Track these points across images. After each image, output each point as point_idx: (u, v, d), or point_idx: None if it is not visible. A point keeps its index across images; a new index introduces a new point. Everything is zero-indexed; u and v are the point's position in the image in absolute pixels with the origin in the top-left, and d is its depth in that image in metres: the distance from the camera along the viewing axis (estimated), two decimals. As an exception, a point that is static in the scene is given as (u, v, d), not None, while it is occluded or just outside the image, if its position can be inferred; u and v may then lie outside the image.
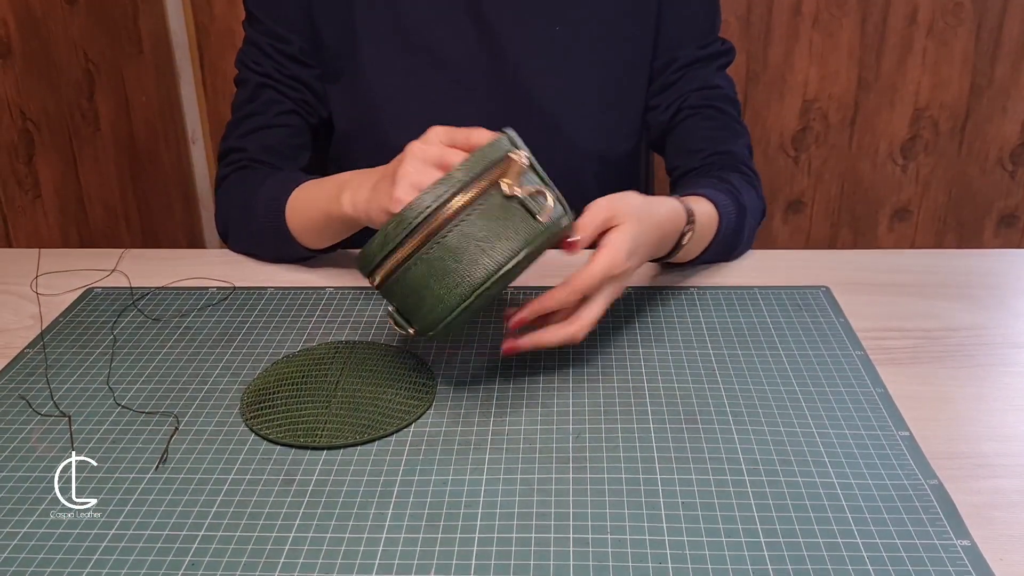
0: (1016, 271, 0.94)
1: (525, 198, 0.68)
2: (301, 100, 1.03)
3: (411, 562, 0.57)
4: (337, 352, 0.79)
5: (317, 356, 0.79)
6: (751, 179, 1.01)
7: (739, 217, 0.93)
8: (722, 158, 1.02)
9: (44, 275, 0.95)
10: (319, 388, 0.74)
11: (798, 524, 0.59)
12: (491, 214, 0.67)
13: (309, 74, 1.02)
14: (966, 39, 1.86)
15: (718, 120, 1.04)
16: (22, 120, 1.36)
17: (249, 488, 0.63)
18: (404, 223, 0.66)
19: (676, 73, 1.04)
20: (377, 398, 0.72)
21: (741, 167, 1.02)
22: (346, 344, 0.80)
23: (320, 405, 0.72)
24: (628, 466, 0.64)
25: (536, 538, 0.58)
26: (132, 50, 1.72)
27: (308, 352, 0.79)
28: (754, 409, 0.71)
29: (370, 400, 0.72)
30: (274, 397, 0.73)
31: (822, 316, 0.84)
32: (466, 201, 0.66)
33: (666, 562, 0.56)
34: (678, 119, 1.05)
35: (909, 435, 0.67)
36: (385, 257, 0.68)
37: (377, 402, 0.72)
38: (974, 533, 0.58)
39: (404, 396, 0.73)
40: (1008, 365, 0.77)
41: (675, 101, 1.05)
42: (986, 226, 2.02)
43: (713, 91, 1.04)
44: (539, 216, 0.68)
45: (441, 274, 0.67)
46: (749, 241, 0.98)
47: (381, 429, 0.69)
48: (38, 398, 0.74)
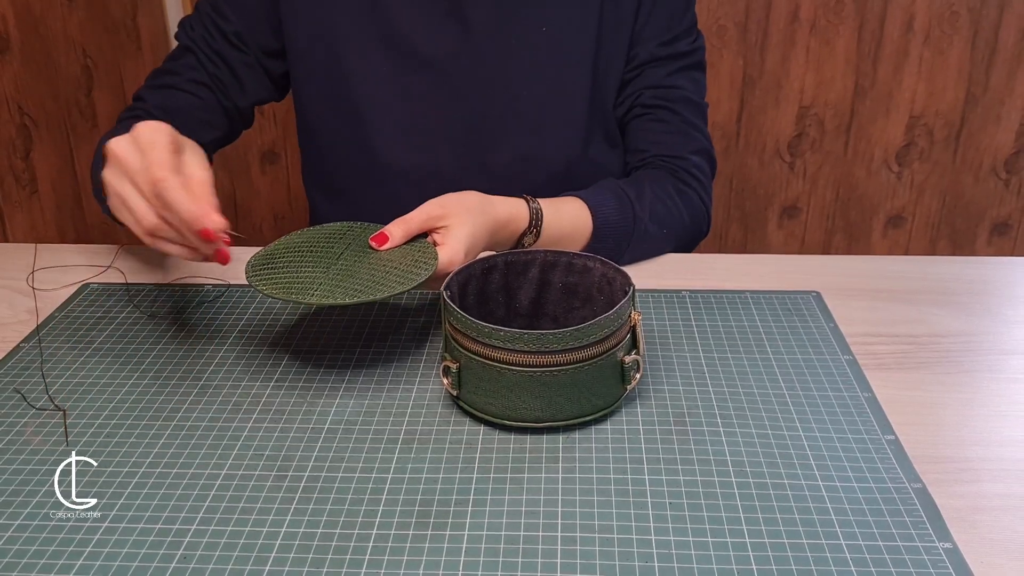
0: (1004, 279, 0.95)
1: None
2: (216, 77, 1.02)
3: (400, 558, 0.57)
4: (349, 230, 0.83)
5: (328, 231, 0.83)
6: (688, 187, 1.00)
7: (624, 223, 0.93)
8: (664, 162, 1.02)
9: (40, 270, 0.95)
10: (322, 256, 0.79)
11: (783, 525, 0.59)
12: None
13: (237, 57, 1.02)
14: (962, 48, 1.87)
15: (669, 123, 1.03)
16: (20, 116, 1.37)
17: (242, 484, 0.64)
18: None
19: (634, 71, 1.03)
20: (374, 269, 0.76)
21: (681, 173, 1.01)
22: (360, 225, 0.84)
23: (319, 270, 0.76)
24: (616, 467, 0.65)
25: (524, 536, 0.59)
26: (131, 47, 1.73)
27: (321, 228, 0.84)
28: (742, 411, 0.71)
29: (367, 270, 0.76)
30: (278, 261, 0.78)
31: (812, 321, 0.84)
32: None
33: (652, 561, 0.57)
34: (629, 117, 1.05)
35: (895, 439, 0.68)
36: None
37: (373, 272, 0.76)
38: (956, 536, 0.59)
39: (400, 270, 0.76)
40: (994, 371, 0.78)
41: (628, 98, 1.04)
42: (979, 234, 2.03)
43: (670, 91, 1.03)
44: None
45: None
46: (658, 250, 0.98)
47: (370, 294, 0.72)
48: (33, 392, 0.75)
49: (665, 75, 1.03)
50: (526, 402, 0.67)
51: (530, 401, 0.67)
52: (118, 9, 1.67)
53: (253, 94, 1.05)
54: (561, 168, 1.04)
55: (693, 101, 1.04)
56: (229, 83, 1.03)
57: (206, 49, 1.01)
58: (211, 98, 1.02)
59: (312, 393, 0.74)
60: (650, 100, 1.03)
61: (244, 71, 1.03)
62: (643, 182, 0.99)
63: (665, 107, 1.03)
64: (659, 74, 1.03)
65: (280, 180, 2.04)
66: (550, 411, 0.68)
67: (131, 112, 1.00)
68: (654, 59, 1.02)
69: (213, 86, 1.02)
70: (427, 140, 1.02)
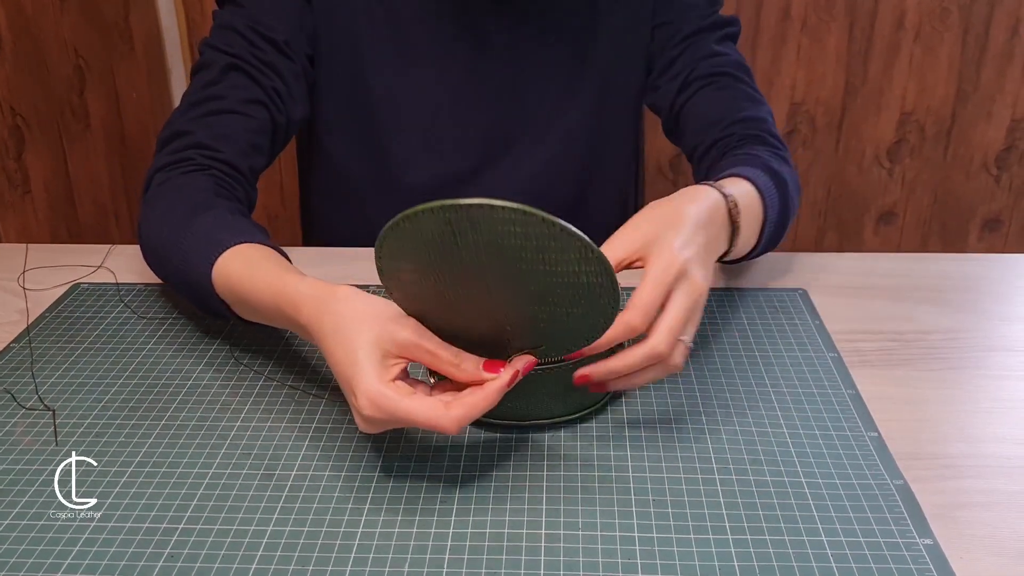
0: (992, 276, 0.95)
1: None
2: (273, 90, 0.92)
3: (386, 556, 0.58)
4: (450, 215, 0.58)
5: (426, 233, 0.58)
6: (780, 151, 0.92)
7: (780, 190, 0.83)
8: (745, 126, 0.94)
9: (31, 270, 0.96)
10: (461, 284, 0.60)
11: (765, 522, 0.60)
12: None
13: (288, 67, 0.94)
14: (952, 45, 1.88)
15: (734, 88, 0.98)
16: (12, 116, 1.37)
17: (229, 483, 0.64)
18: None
19: (678, 47, 1.00)
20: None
21: (767, 137, 0.93)
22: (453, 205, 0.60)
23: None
24: (601, 464, 0.66)
25: (509, 534, 0.59)
26: (123, 47, 1.73)
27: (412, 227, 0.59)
28: (727, 408, 0.72)
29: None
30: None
31: (798, 318, 0.85)
32: None
33: (635, 558, 0.57)
34: (688, 93, 0.99)
35: (878, 436, 0.68)
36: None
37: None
38: (937, 532, 0.59)
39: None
40: (979, 368, 0.78)
41: (680, 74, 0.99)
42: (971, 230, 2.04)
43: (723, 58, 0.99)
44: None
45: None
46: (795, 214, 0.88)
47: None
48: (23, 392, 0.75)
49: (713, 44, 0.99)
50: (512, 400, 0.68)
51: (516, 399, 0.68)
52: (110, 10, 1.67)
53: (304, 106, 0.98)
54: (573, 174, 1.05)
55: (745, 66, 1.01)
56: (285, 96, 0.94)
57: (256, 63, 0.91)
58: (264, 116, 0.92)
59: (300, 393, 0.75)
60: (707, 70, 0.98)
61: (294, 81, 0.95)
62: (753, 151, 0.90)
63: (726, 74, 0.98)
64: (707, 44, 0.99)
65: (273, 181, 2.04)
66: (537, 409, 0.69)
67: (180, 154, 0.87)
68: (699, 30, 1.00)
69: (268, 102, 0.92)
70: (443, 148, 1.03)
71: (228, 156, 0.88)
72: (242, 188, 0.89)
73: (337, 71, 1.00)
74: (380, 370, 0.59)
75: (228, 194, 0.86)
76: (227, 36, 0.92)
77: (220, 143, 0.88)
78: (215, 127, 0.89)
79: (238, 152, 0.89)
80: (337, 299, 0.63)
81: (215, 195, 0.83)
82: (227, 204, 0.82)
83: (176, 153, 0.87)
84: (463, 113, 1.02)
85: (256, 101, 0.91)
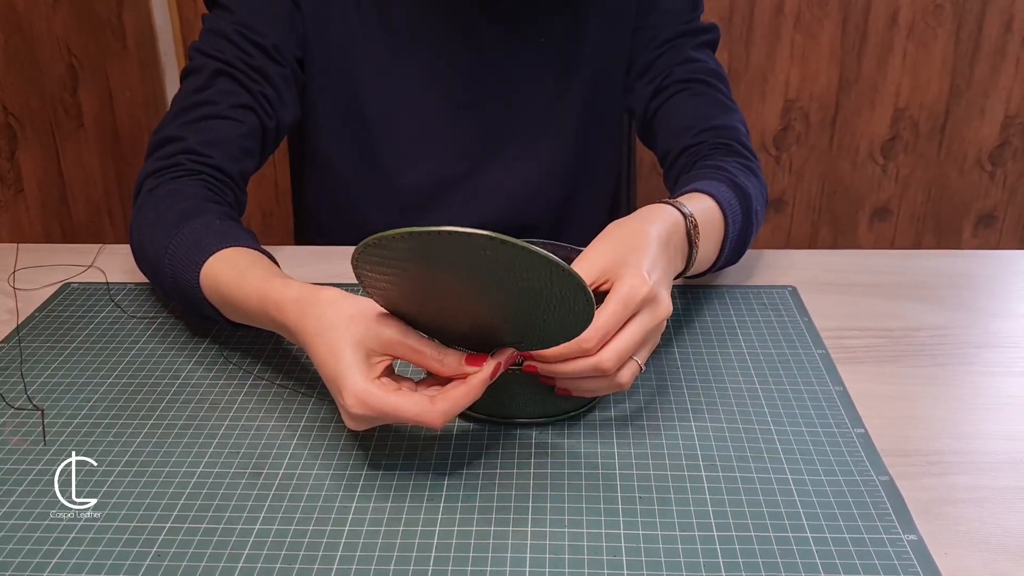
0: (982, 272, 0.95)
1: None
2: (262, 95, 0.93)
3: (372, 554, 0.58)
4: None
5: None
6: (749, 162, 0.93)
7: (743, 205, 0.85)
8: (715, 134, 0.95)
9: (22, 270, 0.96)
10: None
11: (751, 518, 0.60)
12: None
13: (277, 72, 0.94)
14: (946, 41, 1.88)
15: (707, 95, 0.99)
16: (4, 115, 1.37)
17: (217, 481, 0.65)
18: None
19: (656, 51, 1.01)
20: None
21: (736, 147, 0.94)
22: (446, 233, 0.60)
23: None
24: (588, 460, 0.66)
25: (495, 532, 0.59)
26: (116, 45, 1.73)
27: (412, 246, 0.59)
28: (714, 405, 0.72)
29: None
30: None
31: (787, 315, 0.85)
32: None
33: (620, 555, 0.57)
34: (662, 97, 1.00)
35: (864, 432, 0.69)
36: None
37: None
38: (922, 528, 0.59)
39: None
40: (967, 364, 0.79)
41: (657, 78, 1.00)
42: (965, 226, 2.04)
43: (698, 65, 1.00)
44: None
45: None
46: (758, 228, 0.91)
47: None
48: (12, 392, 0.75)
49: (691, 48, 1.01)
50: (499, 398, 0.68)
51: (504, 397, 0.68)
52: (103, 7, 1.67)
53: (294, 110, 0.98)
54: (562, 177, 1.05)
55: (721, 74, 1.02)
56: (274, 100, 0.94)
57: (244, 68, 0.92)
58: (254, 122, 0.92)
59: (288, 391, 0.75)
60: (683, 75, 0.99)
61: (284, 86, 0.95)
62: (721, 163, 0.91)
63: (701, 80, 0.99)
64: (684, 50, 1.00)
65: (267, 178, 2.04)
66: (517, 409, 0.69)
67: (170, 159, 0.88)
68: (678, 35, 1.00)
69: (257, 107, 0.92)
70: (434, 151, 1.03)
71: (218, 161, 0.89)
72: (232, 193, 0.90)
73: (329, 74, 1.00)
74: (365, 368, 0.60)
75: (218, 199, 0.86)
76: (216, 41, 0.93)
77: (210, 148, 0.88)
78: (204, 132, 0.89)
79: (228, 157, 0.90)
80: (321, 301, 0.63)
81: (205, 200, 0.84)
82: (217, 209, 0.83)
83: (166, 159, 0.88)
84: (455, 115, 1.02)
85: (245, 106, 0.92)
